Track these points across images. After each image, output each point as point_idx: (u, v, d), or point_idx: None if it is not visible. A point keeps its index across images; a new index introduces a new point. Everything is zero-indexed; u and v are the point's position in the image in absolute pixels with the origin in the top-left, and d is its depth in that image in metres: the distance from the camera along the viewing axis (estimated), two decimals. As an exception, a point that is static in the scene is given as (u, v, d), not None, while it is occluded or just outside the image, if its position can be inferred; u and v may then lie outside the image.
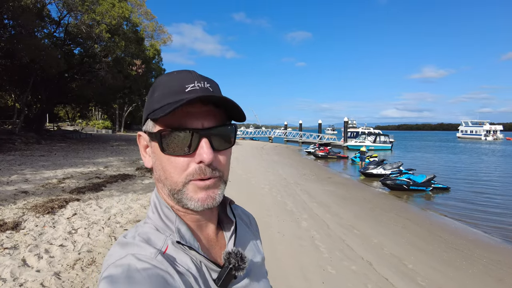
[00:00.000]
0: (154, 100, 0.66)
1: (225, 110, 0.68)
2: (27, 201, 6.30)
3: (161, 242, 0.64)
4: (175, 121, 0.63)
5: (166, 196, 0.69)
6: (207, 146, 0.63)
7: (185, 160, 0.64)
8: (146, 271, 0.55)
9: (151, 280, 0.54)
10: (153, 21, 32.78)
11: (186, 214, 0.70)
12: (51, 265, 3.93)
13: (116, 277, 0.54)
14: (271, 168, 17.71)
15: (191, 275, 0.62)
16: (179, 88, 0.64)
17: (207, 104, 0.65)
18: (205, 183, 0.64)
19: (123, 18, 17.93)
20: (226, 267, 0.66)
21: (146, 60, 23.00)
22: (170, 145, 0.63)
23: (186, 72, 0.68)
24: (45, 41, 18.64)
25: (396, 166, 16.70)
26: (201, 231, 0.73)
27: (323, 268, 4.87)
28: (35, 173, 9.23)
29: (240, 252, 0.68)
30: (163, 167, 0.66)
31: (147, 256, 0.59)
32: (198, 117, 0.64)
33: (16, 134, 17.75)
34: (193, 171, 0.63)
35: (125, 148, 20.65)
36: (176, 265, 0.61)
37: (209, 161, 0.63)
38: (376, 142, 39.75)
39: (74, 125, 45.23)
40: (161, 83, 0.67)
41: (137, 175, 10.41)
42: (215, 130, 0.65)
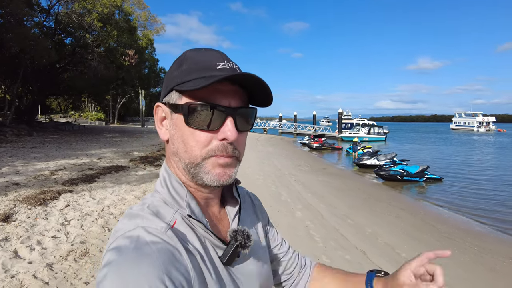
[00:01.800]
0: (183, 73, 0.65)
1: (250, 93, 0.69)
2: (18, 193, 6.22)
3: (169, 216, 0.64)
4: (204, 96, 0.63)
5: (180, 170, 0.69)
6: (232, 124, 0.63)
7: (208, 136, 0.64)
8: (155, 244, 0.55)
9: (160, 255, 0.53)
10: (146, 10, 32.29)
11: (197, 190, 0.70)
12: (44, 256, 3.89)
13: (124, 248, 0.53)
14: (266, 159, 17.71)
15: (197, 252, 0.62)
16: (210, 65, 0.64)
17: (234, 84, 0.65)
18: (225, 160, 0.65)
19: (115, 7, 17.59)
20: (232, 244, 0.66)
21: (139, 50, 22.66)
22: (195, 119, 0.63)
23: (215, 51, 0.68)
24: (35, 31, 18.23)
25: (390, 157, 16.80)
26: (208, 208, 0.74)
27: (317, 258, 4.89)
28: (27, 165, 9.10)
29: (246, 230, 0.68)
30: (184, 140, 0.65)
31: (157, 230, 0.58)
32: (226, 95, 0.64)
33: (7, 126, 17.46)
34: (215, 148, 0.64)
35: (118, 139, 20.49)
36: (184, 242, 0.61)
37: (233, 139, 0.63)
38: (370, 133, 39.90)
39: (66, 117, 44.70)
40: (190, 57, 0.67)
41: (131, 167, 10.34)
42: (240, 111, 0.66)
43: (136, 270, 0.49)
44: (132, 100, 50.91)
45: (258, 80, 0.64)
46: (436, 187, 12.93)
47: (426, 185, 13.19)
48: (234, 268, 0.69)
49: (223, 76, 0.59)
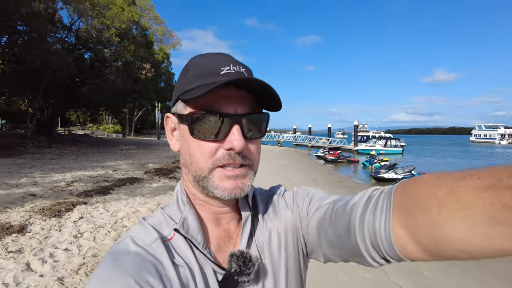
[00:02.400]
0: (187, 81, 0.62)
1: (258, 98, 0.64)
2: (34, 204, 6.27)
3: (169, 229, 0.63)
4: (207, 104, 0.59)
5: (191, 182, 0.67)
6: (238, 133, 0.59)
7: (214, 146, 0.60)
8: (136, 255, 0.55)
9: (138, 265, 0.53)
10: (162, 25, 33.14)
11: (206, 204, 0.67)
12: (55, 269, 3.84)
13: (109, 255, 0.56)
14: (280, 172, 17.52)
15: (187, 269, 0.59)
16: (214, 70, 0.60)
17: (241, 89, 0.61)
18: (234, 172, 0.61)
19: (133, 22, 18.09)
20: (228, 271, 0.61)
21: (155, 64, 23.13)
22: (200, 129, 0.60)
23: (221, 54, 0.64)
24: (57, 46, 18.90)
25: (408, 170, 16.34)
26: (219, 226, 0.69)
27: (335, 276, 4.67)
28: (44, 176, 9.24)
29: (245, 254, 0.62)
30: (190, 151, 0.62)
31: (143, 241, 0.59)
32: (231, 102, 0.60)
33: (28, 138, 17.96)
34: (221, 157, 0.60)
35: (134, 151, 20.74)
36: (174, 255, 0.59)
37: (240, 149, 0.59)
38: (387, 146, 39.18)
39: (84, 129, 45.81)
40: (195, 63, 0.64)
41: (146, 179, 10.36)
42: (248, 117, 0.62)
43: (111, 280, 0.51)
44: (149, 113, 51.87)
45: (262, 84, 0.58)
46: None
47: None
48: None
49: (222, 82, 0.55)
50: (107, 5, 16.60)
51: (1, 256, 4.01)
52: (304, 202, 0.74)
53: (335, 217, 0.62)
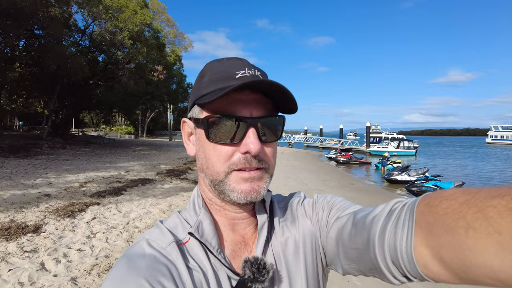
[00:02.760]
0: (203, 86, 0.62)
1: (274, 101, 0.64)
2: (49, 204, 6.37)
3: (184, 233, 0.64)
4: (223, 108, 0.60)
5: (207, 186, 0.67)
6: (254, 136, 0.59)
7: (229, 149, 0.60)
8: (151, 258, 0.56)
9: (152, 268, 0.54)
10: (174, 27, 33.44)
11: (222, 209, 0.67)
12: (69, 270, 3.88)
13: (124, 257, 0.56)
14: (291, 173, 17.43)
15: (201, 274, 0.59)
16: (229, 74, 0.60)
17: (256, 92, 0.61)
18: (250, 174, 0.61)
19: (145, 25, 18.32)
20: (242, 278, 0.60)
21: (167, 66, 23.35)
22: (216, 133, 0.60)
23: (236, 59, 0.65)
24: (72, 49, 19.28)
25: (422, 172, 16.05)
26: (234, 231, 0.68)
27: (347, 280, 4.60)
28: (59, 177, 9.40)
29: (259, 260, 0.61)
30: (206, 155, 0.63)
31: (158, 244, 0.59)
32: (246, 105, 0.60)
33: (43, 139, 18.36)
34: (237, 161, 0.60)
35: (146, 153, 20.95)
36: (188, 259, 0.60)
37: (256, 152, 0.59)
38: (400, 147, 38.63)
39: (98, 131, 46.60)
40: (211, 68, 0.64)
41: (158, 180, 10.43)
42: (264, 120, 0.62)
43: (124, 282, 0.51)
44: (161, 115, 52.42)
45: (278, 86, 0.58)
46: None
47: (462, 203, 12.40)
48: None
49: (236, 85, 0.55)
50: (120, 8, 16.86)
51: (17, 256, 4.08)
52: (324, 211, 0.72)
53: (355, 230, 0.59)
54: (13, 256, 4.05)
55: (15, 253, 4.15)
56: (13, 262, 3.92)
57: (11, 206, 6.07)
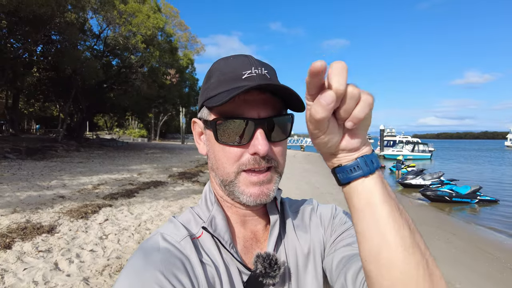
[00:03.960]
0: (210, 87, 0.63)
1: (282, 99, 0.64)
2: (63, 205, 6.48)
3: (197, 228, 0.65)
4: (231, 110, 0.60)
5: (218, 185, 0.68)
6: (262, 137, 0.60)
7: (238, 151, 0.61)
8: (165, 252, 0.57)
9: (167, 261, 0.55)
10: (187, 31, 33.86)
11: (233, 206, 0.68)
12: (81, 270, 3.93)
13: (140, 251, 0.58)
14: (303, 176, 17.32)
15: (214, 267, 0.60)
16: (236, 75, 0.61)
17: (264, 92, 0.61)
18: (258, 178, 0.62)
19: (158, 29, 18.61)
20: (254, 272, 0.62)
21: (179, 70, 23.64)
22: (224, 134, 0.60)
23: (243, 56, 0.65)
24: (87, 54, 19.72)
25: (437, 176, 15.69)
26: (245, 227, 0.70)
27: None
28: (73, 179, 9.58)
29: (271, 256, 0.62)
30: (216, 156, 0.64)
31: (173, 238, 0.61)
32: (254, 106, 0.61)
33: (58, 142, 18.78)
34: (246, 161, 0.61)
35: (159, 155, 21.17)
36: (201, 254, 0.61)
37: (264, 153, 0.59)
38: (415, 151, 37.93)
39: (111, 134, 47.36)
40: (218, 68, 0.65)
41: (170, 182, 10.51)
42: (271, 120, 0.62)
43: (140, 276, 0.53)
44: (173, 118, 52.93)
45: (284, 88, 0.58)
46: (491, 210, 11.75)
47: (478, 207, 12.06)
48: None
49: (242, 90, 0.55)
50: (134, 13, 17.18)
51: (32, 255, 4.16)
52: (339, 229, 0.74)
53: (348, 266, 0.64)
54: (28, 256, 4.13)
55: (30, 252, 4.23)
56: (28, 261, 3.99)
57: (27, 206, 6.20)
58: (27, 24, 15.54)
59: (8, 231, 4.77)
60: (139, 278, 0.53)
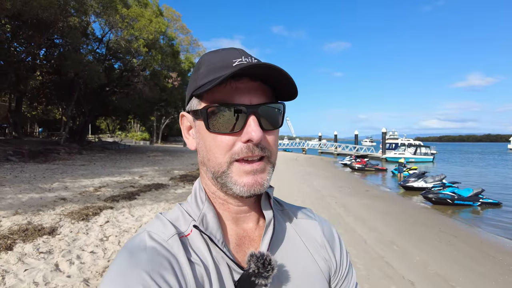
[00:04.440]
0: (199, 77, 0.62)
1: (274, 89, 0.64)
2: (64, 207, 6.51)
3: (186, 226, 0.63)
4: (222, 97, 0.59)
5: (210, 180, 0.65)
6: (255, 124, 0.58)
7: (231, 139, 0.59)
8: (152, 251, 0.55)
9: (153, 261, 0.54)
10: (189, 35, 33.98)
11: (225, 203, 0.66)
12: (81, 271, 3.94)
13: (125, 250, 0.56)
14: (305, 180, 17.30)
15: (203, 267, 0.58)
16: (226, 63, 0.60)
17: (255, 80, 0.60)
18: (252, 167, 0.60)
19: (160, 33, 18.72)
20: (246, 272, 0.59)
21: (181, 73, 23.73)
22: (215, 123, 0.59)
23: (232, 48, 0.64)
24: (89, 57, 19.85)
25: (439, 178, 15.65)
26: (237, 225, 0.68)
27: (360, 287, 4.50)
28: (74, 181, 9.61)
29: (266, 256, 0.59)
30: (207, 147, 0.62)
31: (159, 236, 0.59)
32: (246, 93, 0.59)
33: (61, 145, 18.85)
34: (239, 150, 0.59)
35: (160, 158, 21.21)
36: (190, 252, 0.59)
37: (258, 140, 0.58)
38: (417, 154, 37.86)
39: (114, 137, 47.50)
40: (207, 59, 0.64)
41: (171, 185, 10.54)
42: (264, 108, 0.60)
43: (124, 277, 0.51)
44: (175, 121, 53.04)
45: (277, 69, 0.57)
46: (494, 212, 11.70)
47: (481, 210, 12.01)
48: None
49: (234, 70, 0.54)
50: (136, 17, 17.29)
51: (33, 256, 4.18)
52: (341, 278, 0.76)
53: None
54: (29, 257, 4.15)
55: (31, 254, 4.25)
56: (29, 262, 4.01)
57: (29, 208, 6.23)
58: (30, 28, 15.69)
59: (9, 233, 4.80)
60: (123, 279, 0.51)
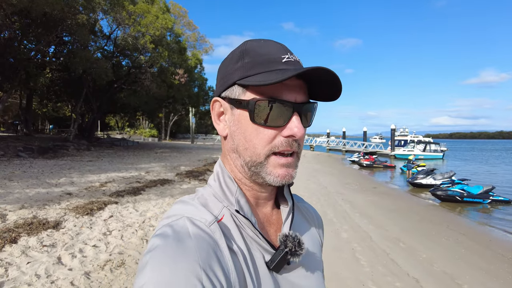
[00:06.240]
0: (246, 66, 0.62)
1: (310, 87, 0.66)
2: (70, 202, 6.58)
3: (218, 210, 0.63)
4: (270, 92, 0.60)
5: (238, 167, 0.67)
6: (298, 121, 0.61)
7: (273, 133, 0.61)
8: (197, 237, 0.54)
9: (200, 248, 0.52)
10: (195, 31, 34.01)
11: (251, 189, 0.68)
12: (83, 264, 3.97)
13: (167, 238, 0.53)
14: (312, 176, 17.21)
15: (240, 253, 0.59)
16: (274, 58, 0.61)
17: (299, 78, 0.62)
18: (287, 160, 0.63)
19: (166, 29, 18.76)
20: (281, 250, 0.62)
21: (188, 70, 23.78)
22: (261, 115, 0.60)
23: (275, 42, 0.66)
24: (98, 54, 20.02)
25: (448, 176, 15.39)
26: (259, 209, 0.71)
27: (363, 283, 4.44)
28: (81, 176, 9.71)
29: (298, 236, 0.63)
30: (247, 137, 0.63)
31: (201, 222, 0.58)
32: (291, 91, 0.61)
33: (70, 142, 19.10)
34: (279, 144, 0.62)
35: (168, 155, 21.33)
36: (228, 239, 0.59)
37: (301, 136, 0.62)
38: (426, 151, 37.35)
39: (122, 134, 47.98)
40: (252, 49, 0.64)
41: (176, 180, 10.57)
42: (305, 106, 0.64)
43: (175, 264, 0.49)
44: (183, 118, 53.35)
45: (332, 74, 0.59)
46: (505, 210, 11.46)
47: (491, 207, 11.77)
48: (281, 277, 0.64)
49: (298, 72, 0.55)
50: (143, 13, 17.35)
51: (36, 250, 4.22)
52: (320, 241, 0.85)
53: None
54: (33, 250, 4.20)
55: (35, 247, 4.29)
56: (32, 255, 4.06)
57: (35, 203, 6.31)
58: (39, 26, 15.87)
59: (15, 226, 4.86)
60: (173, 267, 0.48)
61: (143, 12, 17.25)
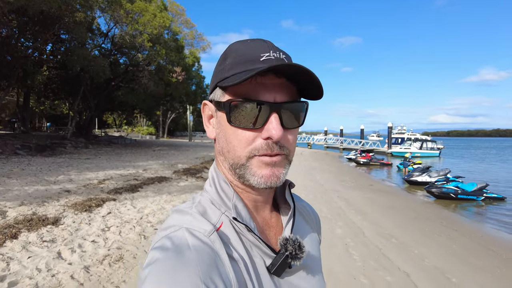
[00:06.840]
0: (226, 68, 0.61)
1: (298, 86, 0.63)
2: (68, 199, 6.67)
3: (216, 218, 0.61)
4: (246, 92, 0.58)
5: (227, 170, 0.66)
6: (276, 121, 0.58)
7: (251, 134, 0.59)
8: (197, 249, 0.52)
9: (200, 261, 0.51)
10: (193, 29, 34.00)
11: (244, 191, 0.66)
12: (82, 259, 4.08)
13: (166, 251, 0.52)
14: (309, 174, 17.35)
15: (241, 260, 0.58)
16: (253, 57, 0.59)
17: (280, 76, 0.60)
18: (271, 160, 0.60)
19: (164, 28, 18.79)
20: (282, 254, 0.61)
21: (186, 68, 23.82)
22: (237, 117, 0.59)
23: (261, 40, 0.63)
24: (95, 52, 20.02)
25: (443, 173, 15.57)
26: (257, 212, 0.69)
27: (354, 277, 4.57)
28: (79, 174, 9.79)
29: (298, 240, 0.63)
30: (227, 139, 0.62)
31: (200, 233, 0.56)
32: (270, 90, 0.59)
33: (67, 139, 19.13)
34: (259, 146, 0.59)
35: (165, 152, 21.39)
36: (228, 247, 0.58)
37: (278, 138, 0.58)
38: (423, 148, 37.60)
39: (120, 131, 47.93)
40: (233, 50, 0.63)
41: (174, 178, 10.66)
42: (287, 106, 0.60)
43: (174, 277, 0.48)
44: (181, 116, 53.33)
45: (304, 70, 0.57)
46: (498, 207, 11.64)
47: (484, 204, 11.95)
48: (283, 280, 0.63)
49: (262, 68, 0.54)
50: (140, 12, 17.37)
51: (37, 245, 4.32)
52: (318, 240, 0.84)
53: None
54: (33, 245, 4.29)
55: (35, 242, 4.39)
56: (33, 250, 4.16)
57: (34, 200, 6.39)
58: (36, 24, 15.87)
59: (15, 222, 4.95)
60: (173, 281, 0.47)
61: (141, 11, 17.27)
